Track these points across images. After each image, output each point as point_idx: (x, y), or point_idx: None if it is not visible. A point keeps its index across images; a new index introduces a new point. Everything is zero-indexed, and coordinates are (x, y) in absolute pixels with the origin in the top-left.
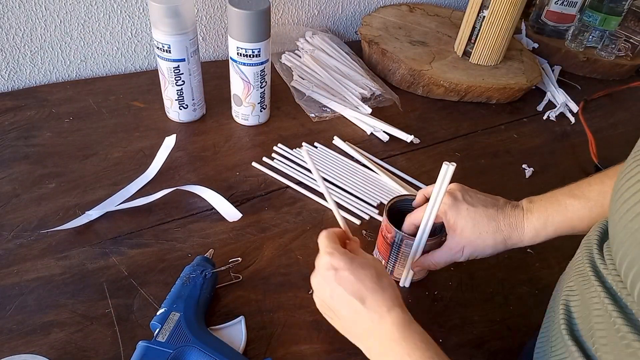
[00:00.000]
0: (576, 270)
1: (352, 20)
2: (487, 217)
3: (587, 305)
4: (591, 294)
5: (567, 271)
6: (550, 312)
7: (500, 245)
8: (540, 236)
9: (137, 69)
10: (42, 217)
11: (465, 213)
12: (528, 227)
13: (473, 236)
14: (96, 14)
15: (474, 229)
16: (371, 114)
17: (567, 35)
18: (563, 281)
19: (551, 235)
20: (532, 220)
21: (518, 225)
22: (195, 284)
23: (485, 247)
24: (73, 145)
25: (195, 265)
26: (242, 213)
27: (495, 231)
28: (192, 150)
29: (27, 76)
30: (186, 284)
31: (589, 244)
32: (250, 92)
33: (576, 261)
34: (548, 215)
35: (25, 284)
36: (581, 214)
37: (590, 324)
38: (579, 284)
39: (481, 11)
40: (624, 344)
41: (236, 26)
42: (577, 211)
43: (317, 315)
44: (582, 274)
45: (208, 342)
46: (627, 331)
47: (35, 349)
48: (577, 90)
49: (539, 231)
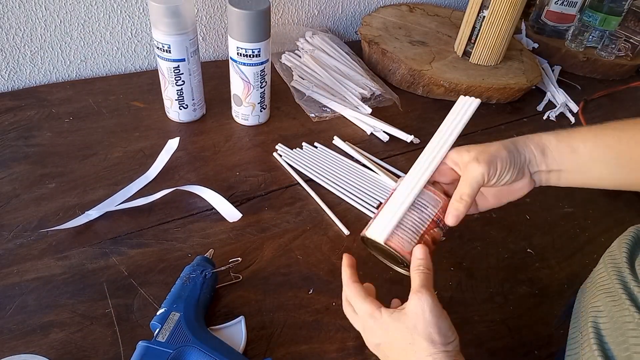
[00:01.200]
0: (602, 289)
1: (352, 20)
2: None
3: (621, 328)
4: (625, 317)
5: (590, 287)
6: (575, 332)
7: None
8: (543, 140)
9: (137, 69)
10: (42, 217)
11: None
12: (534, 135)
13: (482, 146)
14: (96, 14)
15: (480, 145)
16: (371, 114)
17: (567, 35)
18: (585, 298)
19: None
20: (540, 134)
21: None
22: (195, 284)
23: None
24: (73, 145)
25: (195, 265)
26: (242, 213)
27: (500, 142)
28: (192, 150)
29: (27, 76)
30: (186, 284)
31: (616, 262)
32: (250, 92)
33: (600, 277)
34: (555, 131)
35: (25, 284)
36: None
37: (628, 352)
38: (608, 304)
39: (481, 11)
40: None
41: (236, 26)
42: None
43: (317, 315)
44: (611, 293)
45: (208, 342)
46: None
47: (35, 349)
48: (577, 90)
49: (543, 137)
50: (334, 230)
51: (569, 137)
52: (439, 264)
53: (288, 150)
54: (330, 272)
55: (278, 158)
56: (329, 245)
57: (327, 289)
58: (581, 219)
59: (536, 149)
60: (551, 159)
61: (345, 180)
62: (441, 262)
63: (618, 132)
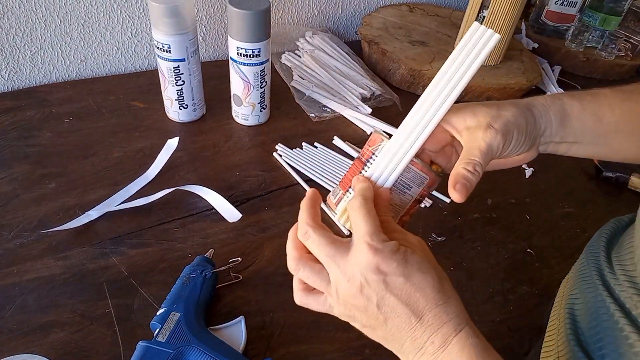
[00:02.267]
0: (581, 277)
1: (352, 20)
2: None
3: (595, 314)
4: (598, 304)
5: (570, 277)
6: (554, 319)
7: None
8: (566, 106)
9: (137, 69)
10: (42, 217)
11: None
12: (555, 98)
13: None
14: (96, 14)
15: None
16: (371, 114)
17: (567, 35)
18: (566, 287)
19: (577, 114)
20: (562, 96)
21: (541, 97)
22: (195, 284)
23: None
24: (73, 145)
25: (195, 265)
26: (242, 213)
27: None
28: (192, 150)
29: (27, 76)
30: (186, 284)
31: (595, 252)
32: (250, 92)
33: (580, 267)
34: (577, 92)
35: (25, 284)
36: (612, 102)
37: (600, 335)
38: (584, 292)
39: (481, 11)
40: (634, 351)
41: (236, 26)
42: (608, 97)
43: (317, 315)
44: (588, 281)
45: (208, 342)
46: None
47: (35, 349)
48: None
49: (566, 103)
50: (334, 230)
51: (595, 103)
52: (439, 263)
53: (288, 150)
54: None
55: (278, 158)
56: None
57: None
58: (581, 219)
59: (555, 118)
60: (569, 129)
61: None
62: (441, 262)
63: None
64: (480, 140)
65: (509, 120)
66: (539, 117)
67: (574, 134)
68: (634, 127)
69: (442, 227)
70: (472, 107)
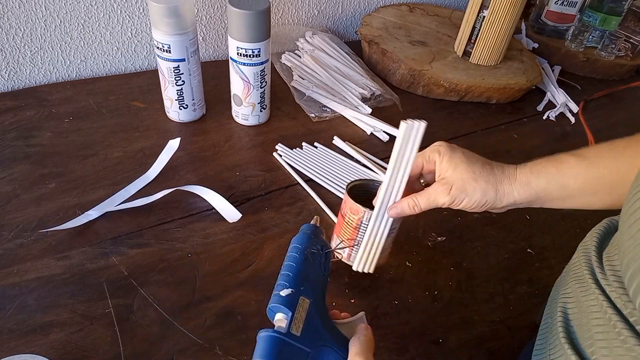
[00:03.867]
0: (573, 276)
1: (352, 20)
2: (482, 162)
3: (586, 312)
4: (590, 302)
5: (564, 276)
6: (547, 318)
7: (491, 191)
8: (530, 187)
9: (137, 69)
10: (42, 217)
11: (461, 154)
12: (520, 175)
13: (466, 174)
14: (96, 14)
15: (468, 167)
16: (371, 114)
17: (567, 35)
18: (560, 286)
19: (542, 190)
20: (525, 170)
21: (510, 174)
22: (319, 263)
23: (475, 189)
24: (73, 145)
25: (312, 236)
26: (242, 213)
27: (488, 174)
28: (192, 150)
29: (27, 76)
30: (308, 262)
31: (587, 250)
32: (250, 92)
33: (573, 266)
34: (542, 167)
35: (25, 284)
36: (575, 172)
37: (590, 333)
38: (576, 290)
39: (481, 11)
40: (626, 347)
41: (236, 26)
42: (572, 167)
43: None
44: (580, 280)
45: (343, 344)
46: (628, 335)
47: (35, 349)
48: (577, 90)
49: (531, 181)
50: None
51: (559, 175)
52: (439, 263)
53: (288, 150)
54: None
55: (278, 158)
56: None
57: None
58: (581, 219)
59: (520, 194)
60: (533, 198)
61: (346, 180)
62: (441, 262)
63: (612, 161)
64: (433, 193)
65: (468, 193)
66: (502, 196)
67: (539, 201)
68: (597, 188)
69: (442, 227)
70: (455, 161)
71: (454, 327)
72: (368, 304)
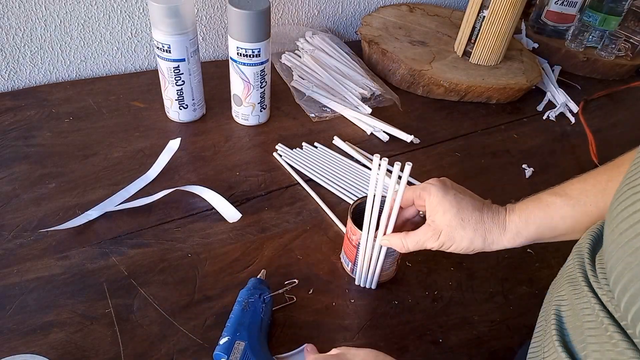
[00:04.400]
0: (567, 278)
1: (352, 20)
2: (472, 206)
3: (579, 314)
4: (583, 304)
5: (558, 278)
6: (541, 320)
7: (479, 240)
8: (521, 235)
9: (137, 69)
10: (42, 217)
11: (452, 197)
12: (510, 224)
13: (454, 221)
14: (96, 14)
15: (457, 214)
16: (371, 114)
17: (567, 35)
18: (554, 288)
19: (532, 236)
20: (514, 218)
21: (500, 222)
22: (255, 309)
23: (463, 237)
24: (73, 145)
25: (251, 288)
26: (242, 213)
27: (477, 222)
28: (192, 150)
29: (27, 76)
30: (246, 310)
31: (581, 252)
32: (250, 92)
33: (567, 268)
34: (530, 212)
35: (25, 284)
36: (563, 212)
37: (583, 336)
38: (570, 292)
39: (481, 11)
40: (618, 350)
41: (236, 26)
42: (558, 209)
43: (317, 316)
44: (574, 282)
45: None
46: (619, 338)
47: (35, 349)
48: (577, 90)
49: (520, 230)
50: (334, 230)
51: (547, 219)
52: (439, 263)
53: (288, 150)
54: (330, 272)
55: (278, 158)
56: (329, 245)
57: (327, 289)
58: None
59: (511, 243)
60: (527, 243)
61: (345, 180)
62: (441, 262)
63: (598, 196)
64: (423, 237)
65: (453, 240)
66: (491, 244)
67: (528, 242)
68: (587, 225)
69: None
70: (444, 207)
71: (454, 327)
72: (368, 304)
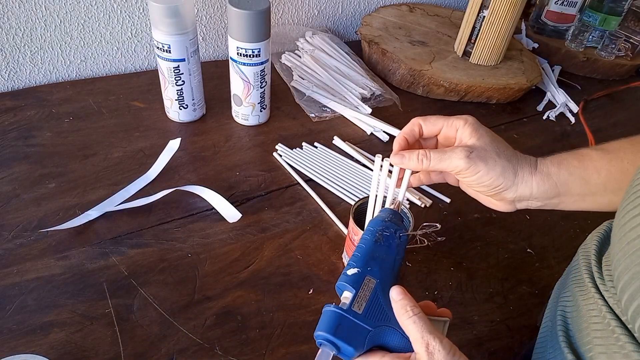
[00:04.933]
0: (574, 280)
1: (352, 20)
2: (506, 144)
3: (586, 316)
4: (590, 306)
5: (564, 278)
6: (547, 321)
7: (510, 172)
8: (550, 178)
9: (137, 69)
10: (42, 217)
11: (487, 130)
12: (541, 165)
13: (490, 147)
14: (96, 14)
15: (493, 141)
16: (371, 114)
17: (567, 35)
18: (560, 288)
19: (562, 183)
20: (546, 162)
21: (532, 161)
22: (390, 245)
23: (496, 163)
24: (73, 145)
25: (387, 220)
26: (242, 213)
27: (511, 155)
28: (192, 150)
29: (27, 76)
30: (379, 243)
31: (587, 254)
32: (250, 92)
33: (573, 269)
34: (563, 159)
35: (25, 284)
36: (599, 165)
37: (589, 337)
38: (576, 294)
39: (481, 11)
40: (624, 353)
41: (236, 26)
42: (594, 161)
43: (317, 315)
44: (580, 284)
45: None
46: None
47: (35, 349)
48: (577, 90)
49: (551, 172)
50: (334, 230)
51: (581, 168)
52: (439, 263)
53: (288, 150)
54: (330, 272)
55: (278, 158)
56: (329, 245)
57: (327, 289)
58: (581, 219)
59: (539, 187)
60: (555, 193)
61: (345, 180)
62: (441, 262)
63: (636, 155)
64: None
65: (486, 163)
66: (520, 181)
67: (558, 198)
68: (622, 185)
69: (442, 227)
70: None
71: (454, 327)
72: None
